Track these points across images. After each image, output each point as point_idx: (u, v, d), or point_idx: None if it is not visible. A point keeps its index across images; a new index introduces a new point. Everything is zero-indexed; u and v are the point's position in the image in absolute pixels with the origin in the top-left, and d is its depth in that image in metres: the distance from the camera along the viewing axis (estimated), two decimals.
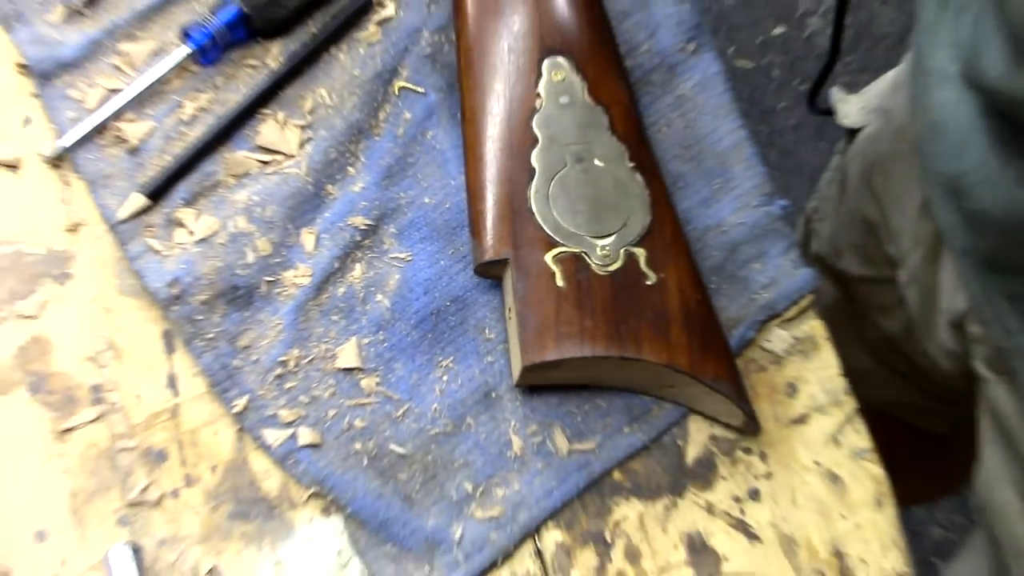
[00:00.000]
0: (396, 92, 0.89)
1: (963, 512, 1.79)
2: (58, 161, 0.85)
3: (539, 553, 0.78)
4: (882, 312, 1.06)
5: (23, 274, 0.82)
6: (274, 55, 0.89)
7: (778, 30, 2.12)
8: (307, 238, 0.84)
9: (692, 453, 0.81)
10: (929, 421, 1.22)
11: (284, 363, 0.81)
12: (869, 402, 0.87)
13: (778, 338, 0.84)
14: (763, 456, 0.81)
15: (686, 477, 0.80)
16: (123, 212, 0.83)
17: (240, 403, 0.79)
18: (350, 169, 0.86)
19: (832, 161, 1.14)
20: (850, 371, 0.85)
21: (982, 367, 0.88)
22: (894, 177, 0.98)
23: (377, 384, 0.81)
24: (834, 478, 0.81)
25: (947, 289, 0.91)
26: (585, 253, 0.80)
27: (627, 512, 0.79)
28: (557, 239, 0.80)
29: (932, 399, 1.13)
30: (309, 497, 0.78)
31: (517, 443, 0.80)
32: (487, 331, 0.83)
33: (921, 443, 1.24)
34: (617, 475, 0.80)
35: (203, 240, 0.83)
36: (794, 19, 2.13)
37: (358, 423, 0.80)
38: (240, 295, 0.82)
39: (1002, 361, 0.85)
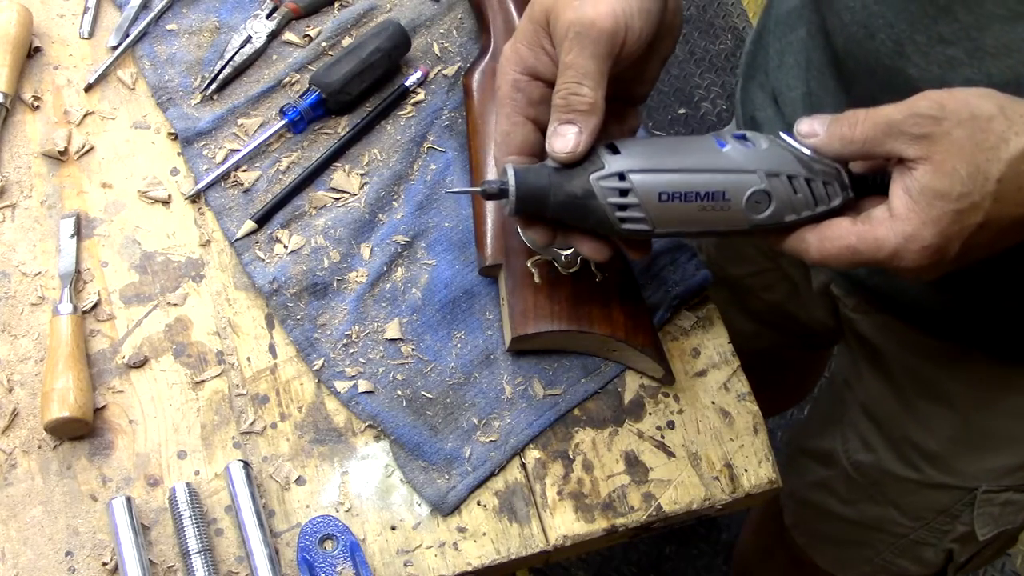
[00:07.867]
0: (425, 151, 0.86)
1: None
2: (195, 198, 0.83)
3: (524, 466, 0.75)
4: (766, 290, 1.02)
5: (171, 275, 0.80)
6: (343, 126, 0.86)
7: (681, 110, 2.09)
8: (364, 250, 0.81)
9: (628, 396, 0.78)
10: (788, 356, 1.21)
11: (349, 335, 0.78)
12: (751, 349, 0.84)
13: (685, 318, 0.81)
14: (676, 398, 0.78)
15: (624, 413, 0.77)
16: (239, 233, 0.81)
17: (319, 363, 0.77)
18: (394, 203, 0.83)
19: None
20: (739, 333, 0.82)
21: (847, 311, 0.88)
22: None
23: (412, 350, 0.78)
24: (725, 413, 0.78)
25: (814, 269, 0.90)
26: (554, 259, 0.76)
27: (584, 437, 0.76)
28: (535, 251, 0.76)
29: (796, 341, 1.10)
30: (365, 428, 0.76)
31: (508, 390, 0.77)
32: (487, 313, 0.79)
33: (779, 373, 1.22)
34: (577, 411, 0.77)
35: (293, 252, 0.80)
36: (692, 103, 2.09)
37: (399, 376, 0.77)
38: (319, 289, 0.79)
39: (861, 304, 0.86)
